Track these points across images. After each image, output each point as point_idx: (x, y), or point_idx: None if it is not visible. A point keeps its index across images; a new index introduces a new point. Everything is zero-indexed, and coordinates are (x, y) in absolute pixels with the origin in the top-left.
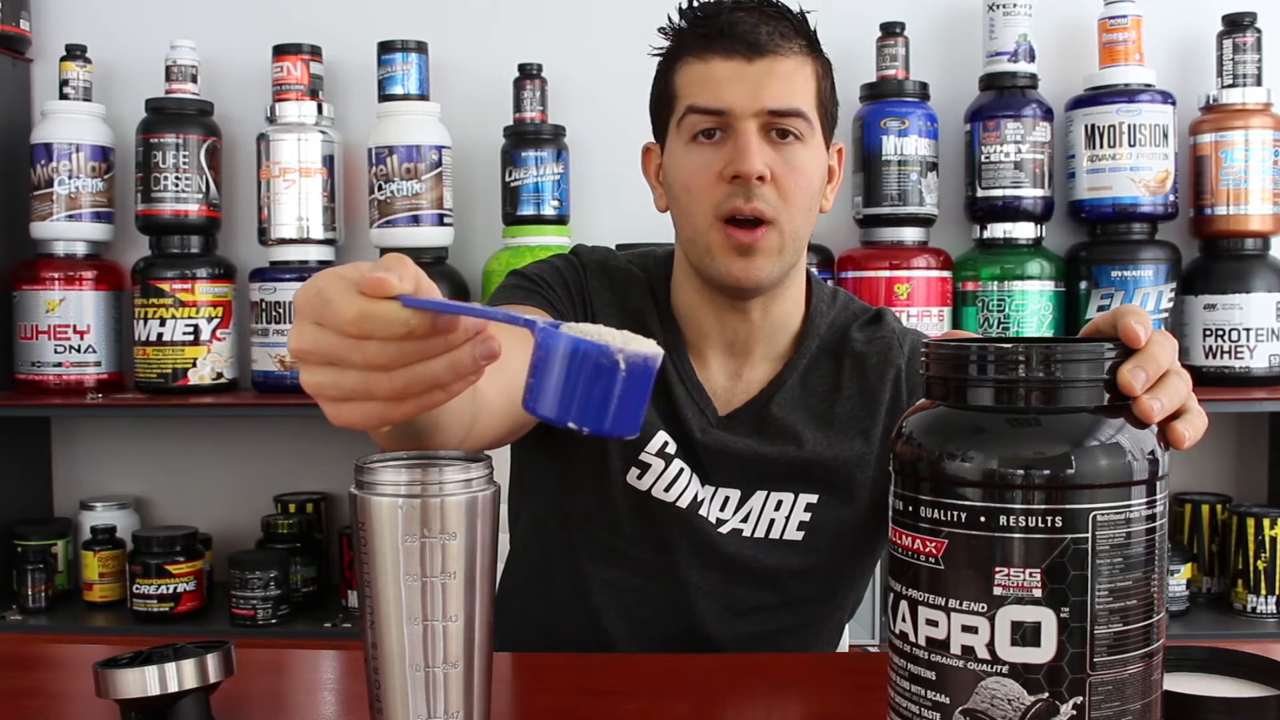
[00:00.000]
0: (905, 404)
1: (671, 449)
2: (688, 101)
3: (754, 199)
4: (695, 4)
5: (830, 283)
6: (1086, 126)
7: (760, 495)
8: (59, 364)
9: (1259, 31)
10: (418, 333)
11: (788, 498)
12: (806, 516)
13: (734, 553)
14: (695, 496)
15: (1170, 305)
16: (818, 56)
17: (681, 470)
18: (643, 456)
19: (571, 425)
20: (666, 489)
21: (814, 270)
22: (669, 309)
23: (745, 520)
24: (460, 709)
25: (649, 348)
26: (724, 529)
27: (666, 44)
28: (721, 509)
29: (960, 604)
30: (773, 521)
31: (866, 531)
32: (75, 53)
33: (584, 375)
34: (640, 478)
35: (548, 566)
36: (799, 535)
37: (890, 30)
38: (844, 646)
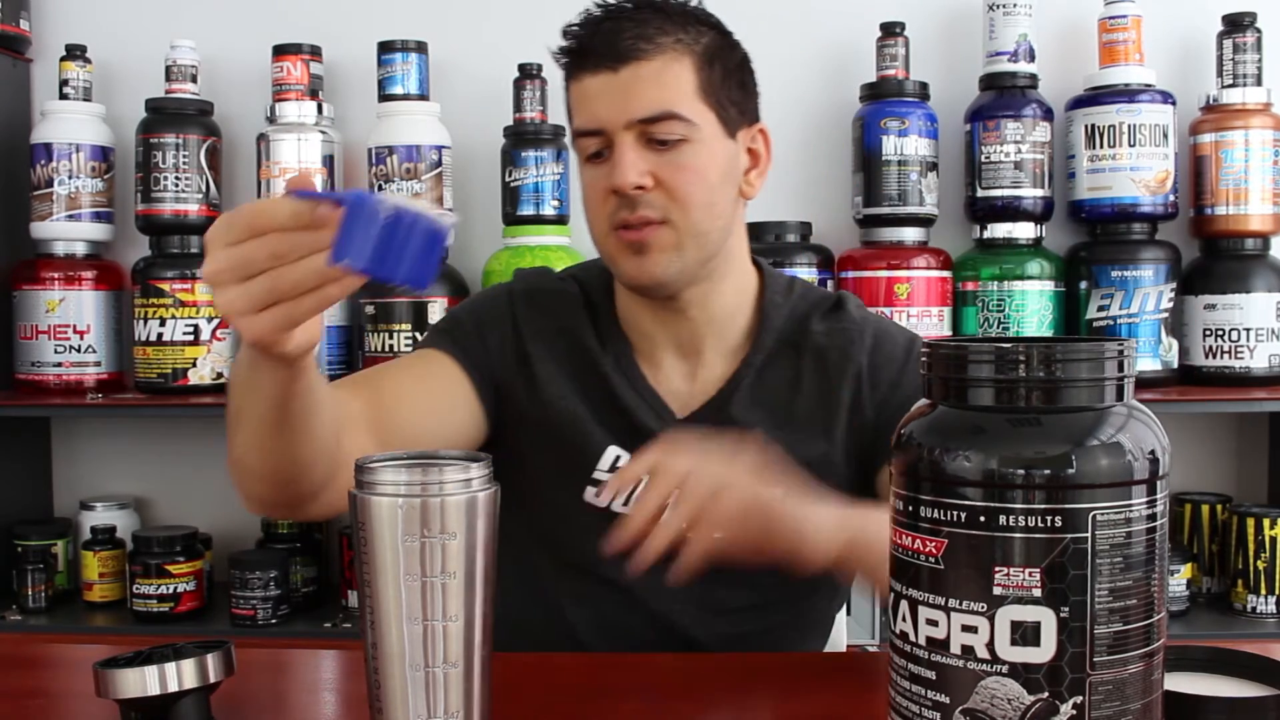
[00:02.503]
0: (867, 401)
1: (625, 461)
2: (573, 125)
3: (639, 208)
4: (571, 23)
5: (830, 284)
6: (1086, 126)
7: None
8: (59, 364)
9: (1259, 31)
10: (304, 219)
11: None
12: None
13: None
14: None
15: (1170, 305)
16: (700, 43)
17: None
18: (595, 475)
19: (368, 272)
20: (626, 503)
21: (813, 269)
22: (612, 318)
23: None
24: (460, 709)
25: (434, 211)
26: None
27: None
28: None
29: (960, 604)
30: None
31: None
32: (75, 53)
33: (374, 226)
34: (599, 495)
35: (520, 581)
36: None
37: (890, 30)
38: (844, 646)
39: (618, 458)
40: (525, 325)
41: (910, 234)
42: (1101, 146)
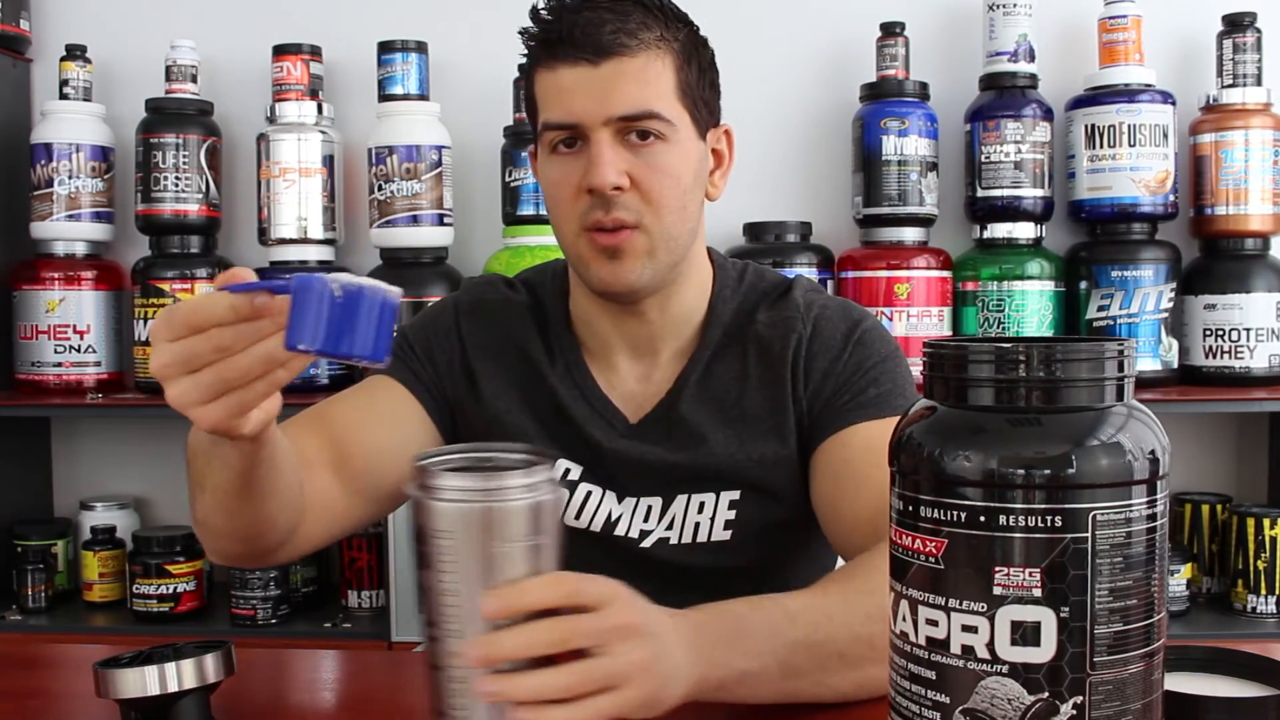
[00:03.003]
0: (801, 393)
1: (575, 474)
2: (543, 117)
3: (614, 209)
4: (541, 7)
5: (831, 284)
6: (1086, 126)
7: (681, 500)
8: (59, 364)
9: (1259, 31)
10: (243, 312)
11: (709, 498)
12: (732, 514)
13: (664, 561)
14: (610, 516)
15: (1170, 305)
16: (679, 41)
17: (590, 493)
18: None
19: (324, 353)
20: (576, 516)
21: (813, 269)
22: (564, 323)
23: (670, 528)
24: None
25: (382, 285)
26: (648, 541)
27: (524, 45)
28: (645, 519)
29: (960, 604)
30: (698, 525)
31: (798, 522)
32: (75, 53)
33: (324, 308)
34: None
35: None
36: (727, 535)
37: (890, 30)
38: None
39: (567, 471)
40: (469, 340)
41: (910, 234)
42: (1101, 146)
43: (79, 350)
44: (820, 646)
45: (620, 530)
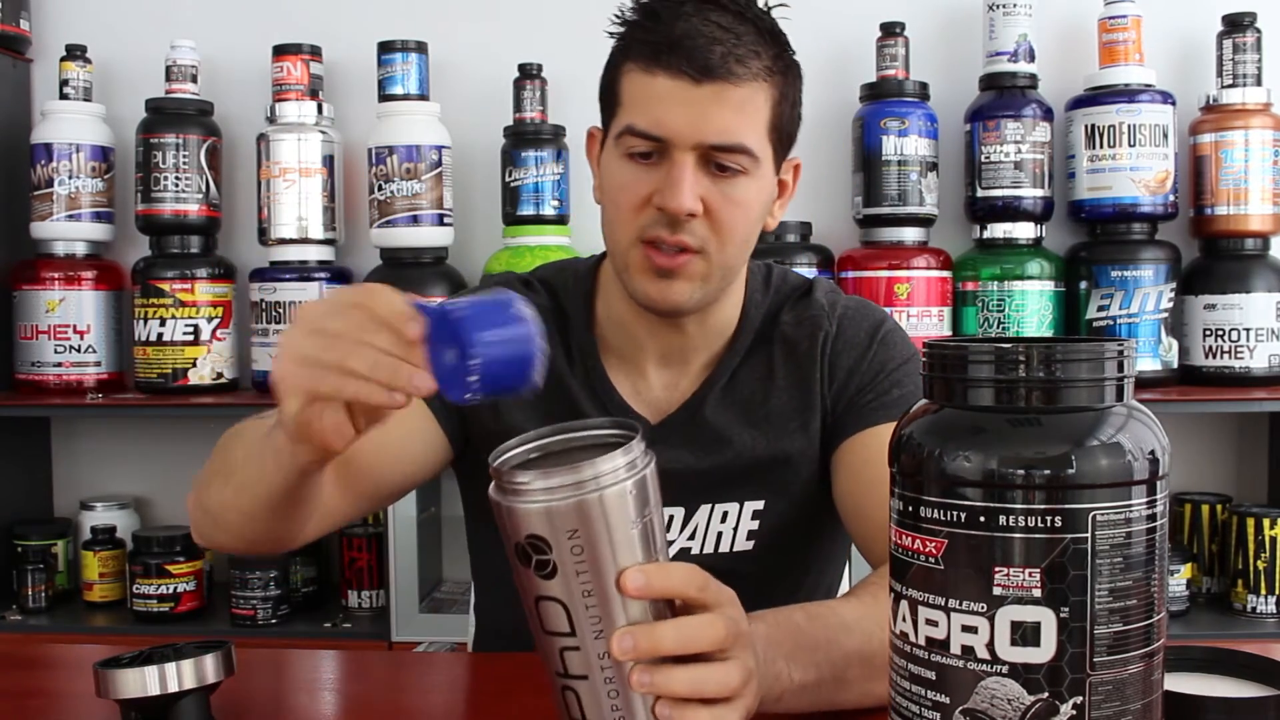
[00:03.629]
0: (826, 390)
1: None
2: (627, 119)
3: (680, 232)
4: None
5: (831, 280)
6: (1086, 126)
7: (704, 509)
8: (59, 364)
9: (1259, 31)
10: (401, 329)
11: (733, 508)
12: (755, 525)
13: None
14: None
15: (1170, 305)
16: (779, 74)
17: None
18: None
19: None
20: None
21: (813, 269)
22: (585, 328)
23: (692, 538)
24: None
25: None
26: (670, 550)
27: (619, 30)
28: (666, 529)
29: (960, 604)
30: (720, 534)
31: (818, 526)
32: (75, 53)
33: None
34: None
35: (505, 583)
36: (749, 545)
37: (890, 30)
38: None
39: None
40: None
41: (910, 234)
42: (1101, 146)
43: (79, 350)
44: (874, 657)
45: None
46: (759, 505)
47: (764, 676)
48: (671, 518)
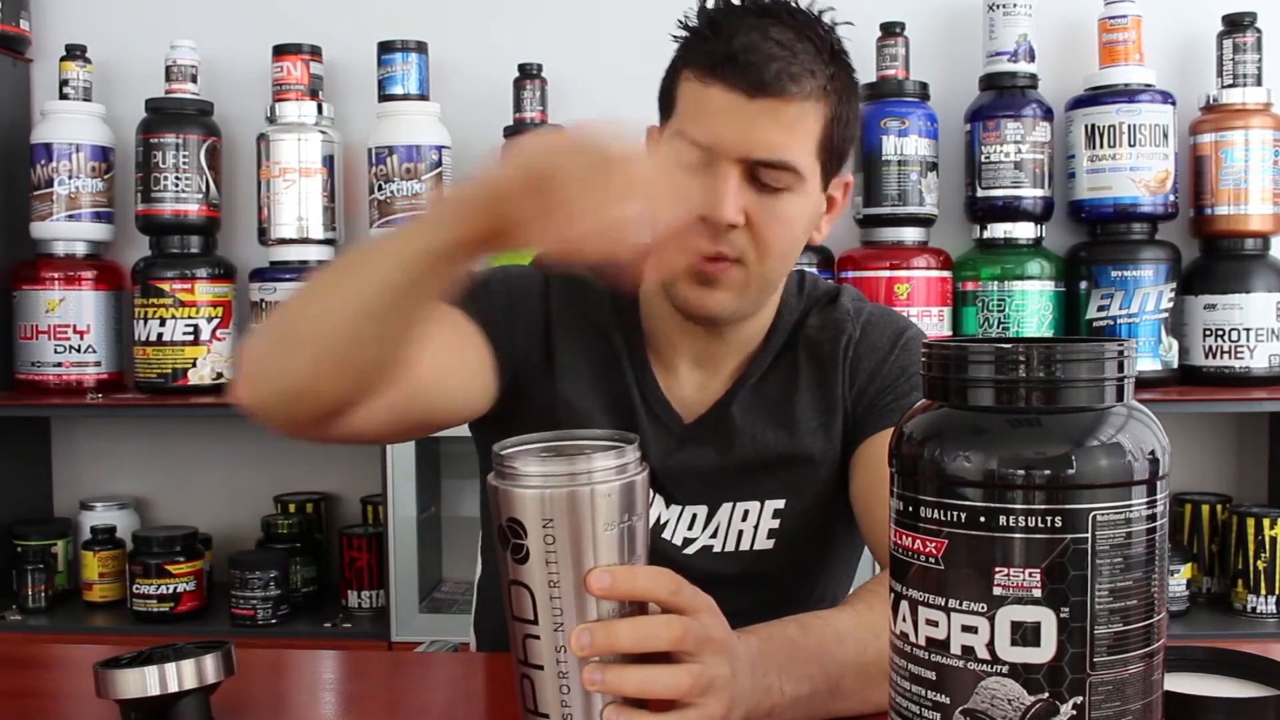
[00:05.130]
0: (847, 393)
1: None
2: (678, 125)
3: (722, 243)
4: (712, 9)
5: (831, 281)
6: (1086, 126)
7: (727, 508)
8: (59, 364)
9: (1259, 31)
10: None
11: (754, 506)
12: (775, 524)
13: (704, 569)
14: (659, 519)
15: (1170, 305)
16: (835, 94)
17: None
18: None
19: None
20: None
21: (813, 269)
22: (635, 320)
23: (714, 536)
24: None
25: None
26: (692, 549)
27: (682, 35)
28: (690, 527)
29: (960, 604)
30: (741, 533)
31: (838, 527)
32: (75, 53)
33: None
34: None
35: None
36: (769, 544)
37: (890, 30)
38: None
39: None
40: (556, 311)
41: (910, 234)
42: (1101, 146)
43: (79, 350)
44: (869, 666)
45: (666, 534)
46: (780, 504)
47: (754, 690)
48: (695, 515)
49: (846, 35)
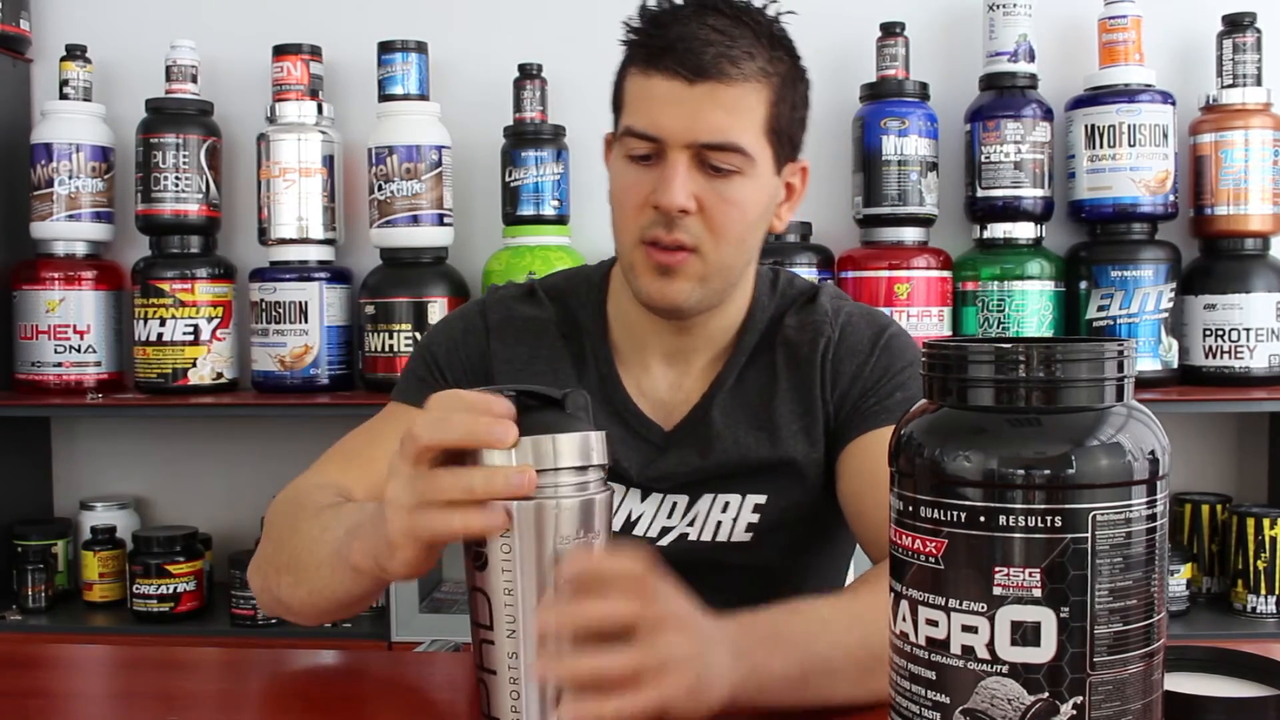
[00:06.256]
0: (829, 396)
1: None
2: (626, 121)
3: (675, 230)
4: (653, 6)
5: (831, 281)
6: (1086, 126)
7: (707, 498)
8: (59, 364)
9: (1259, 31)
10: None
11: (735, 499)
12: (755, 518)
13: (679, 558)
14: (630, 516)
15: (1170, 305)
16: (779, 75)
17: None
18: None
19: None
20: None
21: (813, 269)
22: (600, 337)
23: (692, 524)
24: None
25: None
26: (668, 538)
27: (627, 38)
28: (669, 515)
29: (960, 604)
30: (719, 524)
31: (822, 529)
32: (75, 53)
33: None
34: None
35: None
36: (747, 536)
37: (890, 30)
38: None
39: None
40: (500, 362)
41: (910, 234)
42: (1101, 146)
43: (79, 350)
44: (857, 649)
45: (639, 530)
46: (761, 500)
47: (734, 668)
48: (675, 504)
49: (846, 33)
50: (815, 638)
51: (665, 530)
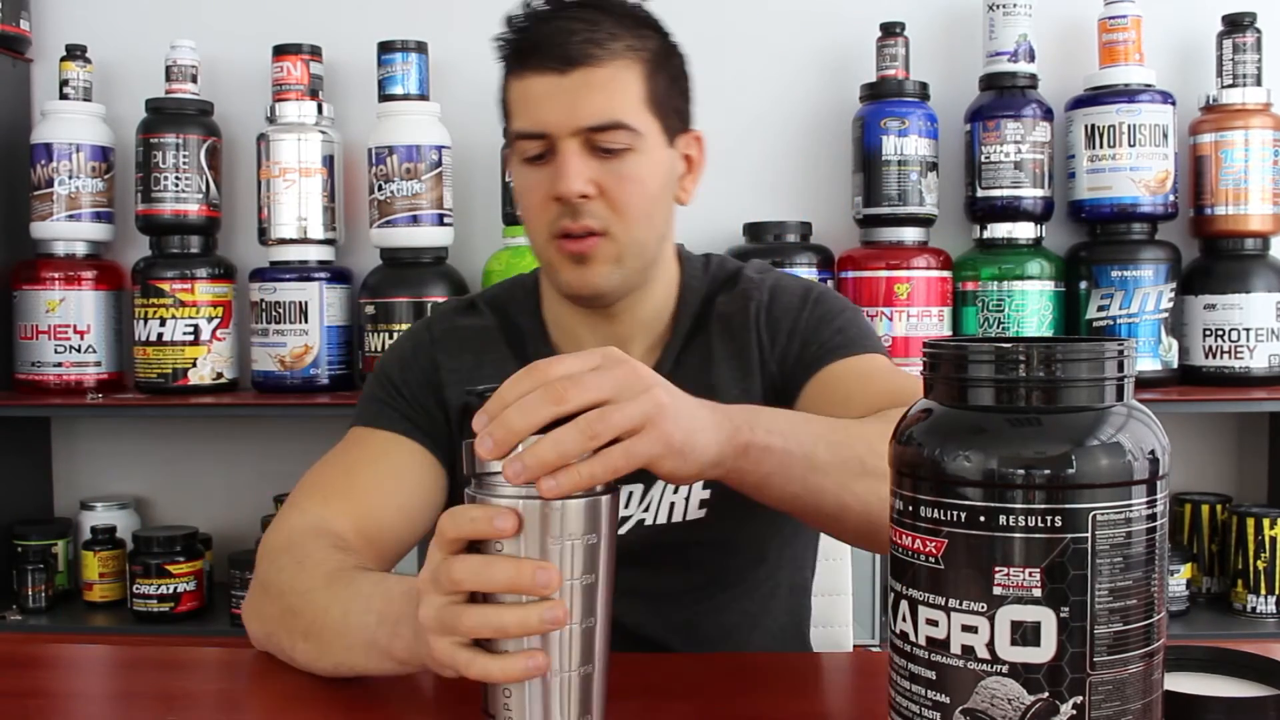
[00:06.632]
0: (769, 357)
1: None
2: (513, 127)
3: (581, 217)
4: (515, 15)
5: (831, 284)
6: (1086, 126)
7: (660, 483)
8: (59, 364)
9: (1259, 31)
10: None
11: None
12: (706, 494)
13: (642, 545)
14: None
15: (1170, 305)
16: (648, 50)
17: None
18: None
19: None
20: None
21: (813, 269)
22: (541, 336)
23: (647, 510)
24: (595, 711)
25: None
26: (625, 527)
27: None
28: (625, 505)
29: (960, 604)
30: (674, 505)
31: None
32: (75, 53)
33: None
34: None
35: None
36: (702, 513)
37: (890, 30)
38: (848, 647)
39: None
40: (448, 372)
41: (910, 234)
42: (1101, 146)
43: (79, 350)
44: (842, 446)
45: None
46: None
47: (718, 424)
48: (630, 494)
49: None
50: (799, 429)
51: (623, 520)
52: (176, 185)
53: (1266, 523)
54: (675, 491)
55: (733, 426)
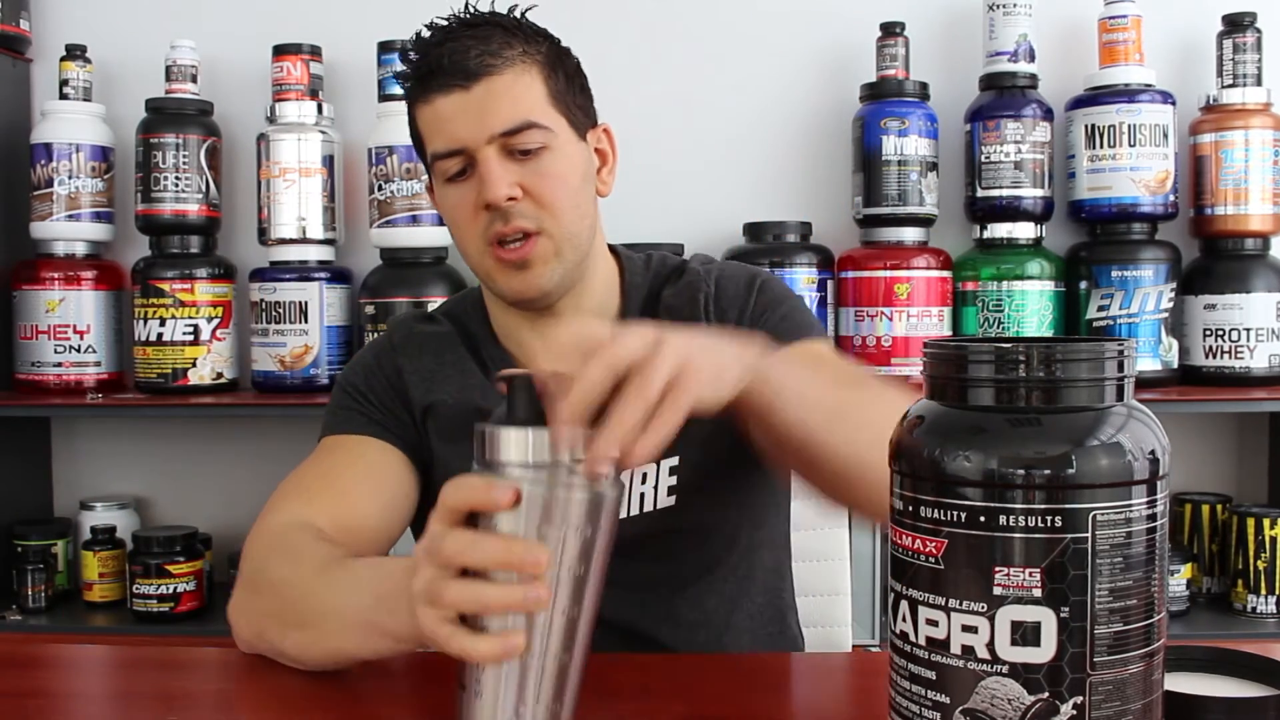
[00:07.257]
0: (718, 328)
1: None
2: (430, 149)
3: (512, 219)
4: (408, 46)
5: (830, 284)
6: (1086, 126)
7: (625, 475)
8: (59, 364)
9: (1259, 31)
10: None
11: (650, 467)
12: (673, 480)
13: (618, 538)
14: None
15: (1170, 305)
16: (541, 54)
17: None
18: None
19: None
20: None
21: (813, 269)
22: (494, 343)
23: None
24: (567, 699)
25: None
26: None
27: (403, 85)
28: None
29: (960, 604)
30: (643, 495)
31: (739, 473)
32: (75, 53)
33: None
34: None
35: None
36: (671, 500)
37: (890, 30)
38: (849, 647)
39: None
40: (412, 377)
41: (910, 234)
42: (1101, 146)
43: (79, 350)
44: (835, 394)
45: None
46: (674, 461)
47: (744, 352)
48: None
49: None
50: (797, 363)
51: None
52: (176, 185)
53: (1267, 523)
54: (643, 482)
55: (754, 354)
